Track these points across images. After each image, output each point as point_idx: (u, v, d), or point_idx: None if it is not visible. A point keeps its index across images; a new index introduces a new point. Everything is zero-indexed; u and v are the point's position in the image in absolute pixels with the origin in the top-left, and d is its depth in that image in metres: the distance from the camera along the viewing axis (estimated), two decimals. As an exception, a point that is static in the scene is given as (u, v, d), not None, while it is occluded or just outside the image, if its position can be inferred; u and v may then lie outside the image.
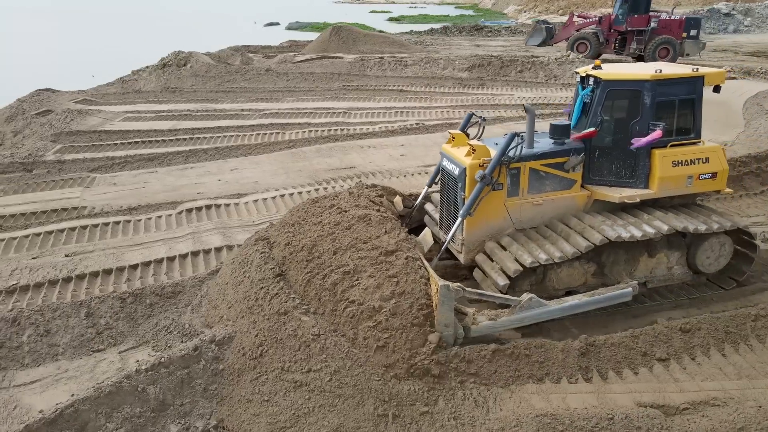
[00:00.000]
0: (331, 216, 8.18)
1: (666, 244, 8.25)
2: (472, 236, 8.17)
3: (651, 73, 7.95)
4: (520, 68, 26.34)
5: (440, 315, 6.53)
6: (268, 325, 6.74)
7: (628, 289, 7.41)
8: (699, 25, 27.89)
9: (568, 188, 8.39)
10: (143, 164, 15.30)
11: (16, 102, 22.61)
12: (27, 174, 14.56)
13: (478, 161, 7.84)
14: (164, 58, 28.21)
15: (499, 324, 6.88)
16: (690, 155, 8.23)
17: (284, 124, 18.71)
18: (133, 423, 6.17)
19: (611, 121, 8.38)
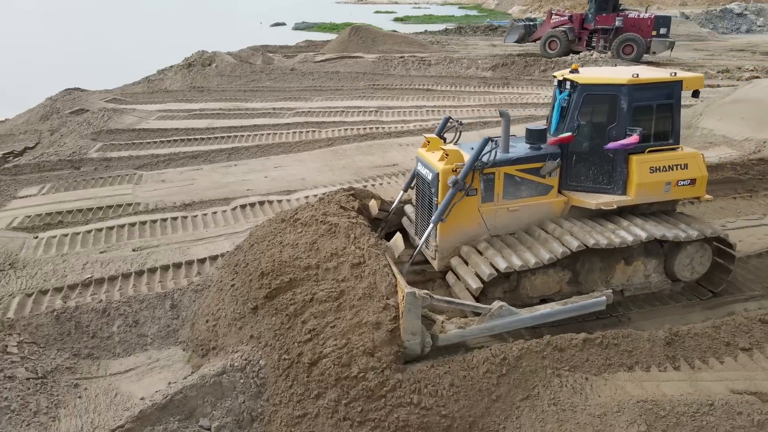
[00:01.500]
0: (293, 235, 7.81)
1: (643, 251, 8.10)
2: (445, 242, 8.02)
3: (628, 77, 7.80)
4: (544, 67, 26.51)
5: (406, 323, 6.34)
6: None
7: (602, 298, 7.22)
8: (669, 23, 28.49)
9: (545, 194, 8.23)
10: (187, 162, 15.49)
11: (47, 101, 22.83)
12: (75, 171, 14.76)
13: (451, 166, 7.70)
14: (188, 58, 28.42)
15: (468, 332, 6.72)
16: (668, 161, 8.06)
17: (319, 123, 18.89)
18: (235, 412, 6.35)
19: (588, 125, 8.17)
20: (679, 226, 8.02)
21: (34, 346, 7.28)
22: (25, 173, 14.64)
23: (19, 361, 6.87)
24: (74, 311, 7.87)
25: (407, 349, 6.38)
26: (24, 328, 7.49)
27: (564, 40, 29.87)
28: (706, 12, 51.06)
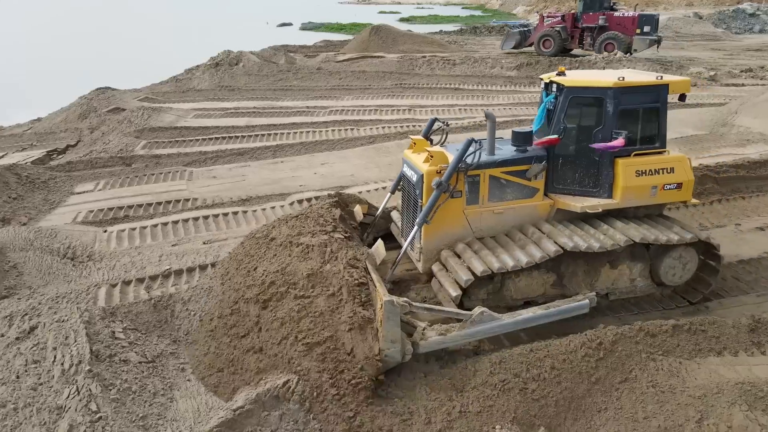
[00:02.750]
0: (265, 263, 7.57)
1: (628, 255, 8.05)
2: (430, 244, 7.98)
3: (613, 80, 7.80)
4: (568, 67, 26.69)
5: (386, 331, 6.29)
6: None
7: (585, 301, 7.19)
8: (652, 21, 29.07)
9: (531, 196, 8.20)
10: (234, 158, 15.77)
11: (81, 100, 23.16)
12: (126, 168, 15.04)
13: (435, 168, 7.67)
14: (215, 57, 28.71)
15: (449, 339, 6.68)
16: (654, 165, 8.02)
17: (356, 121, 19.16)
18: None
19: (574, 128, 8.16)
20: (662, 230, 7.94)
21: (137, 333, 7.55)
22: (78, 170, 14.93)
23: (128, 346, 7.14)
24: (169, 300, 8.14)
25: (387, 357, 6.35)
26: (125, 316, 7.77)
27: (557, 38, 30.57)
28: (718, 12, 51.27)
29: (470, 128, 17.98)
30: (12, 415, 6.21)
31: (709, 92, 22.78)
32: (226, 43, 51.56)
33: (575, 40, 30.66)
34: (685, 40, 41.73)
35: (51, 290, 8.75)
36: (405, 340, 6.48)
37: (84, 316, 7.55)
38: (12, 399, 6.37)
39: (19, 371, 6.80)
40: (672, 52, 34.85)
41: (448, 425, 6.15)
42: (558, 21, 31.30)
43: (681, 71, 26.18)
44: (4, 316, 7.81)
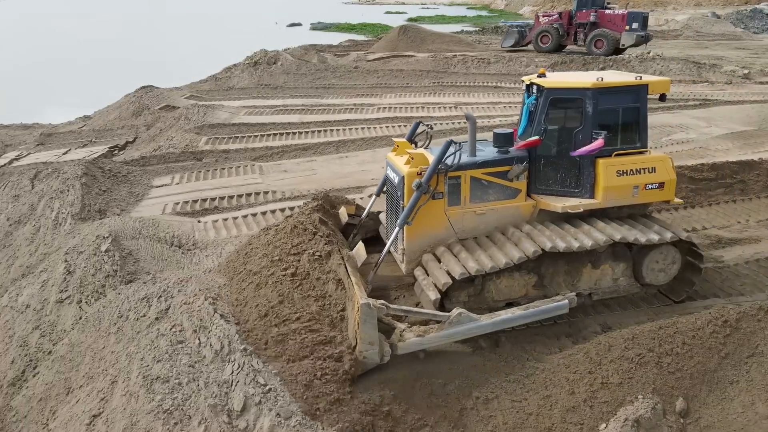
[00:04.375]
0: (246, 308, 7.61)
1: (611, 255, 8.08)
2: (413, 246, 7.98)
3: (592, 81, 7.83)
4: (602, 65, 27.15)
5: (363, 333, 6.33)
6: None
7: (565, 302, 7.17)
8: (640, 19, 30.17)
9: (513, 197, 8.21)
10: (299, 153, 16.20)
11: (127, 98, 23.65)
12: (198, 162, 15.48)
13: (416, 169, 7.70)
14: (252, 57, 29.15)
15: (427, 340, 6.71)
16: (635, 165, 8.03)
17: (406, 118, 19.56)
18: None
19: (555, 129, 8.20)
20: (643, 230, 7.98)
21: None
22: (152, 164, 15.38)
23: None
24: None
25: (366, 359, 6.41)
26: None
27: (555, 35, 31.83)
28: (736, 12, 51.66)
29: (514, 125, 18.37)
30: (179, 389, 6.63)
31: (747, 90, 23.18)
32: (239, 43, 52.37)
33: (570, 36, 32.04)
34: (706, 40, 42.12)
35: (171, 275, 9.17)
36: (383, 342, 6.52)
37: (209, 299, 7.99)
38: (173, 375, 6.79)
39: (169, 350, 7.22)
40: (697, 52, 35.25)
41: (591, 395, 6.56)
42: (555, 18, 32.68)
43: (714, 70, 26.58)
44: (141, 298, 8.25)
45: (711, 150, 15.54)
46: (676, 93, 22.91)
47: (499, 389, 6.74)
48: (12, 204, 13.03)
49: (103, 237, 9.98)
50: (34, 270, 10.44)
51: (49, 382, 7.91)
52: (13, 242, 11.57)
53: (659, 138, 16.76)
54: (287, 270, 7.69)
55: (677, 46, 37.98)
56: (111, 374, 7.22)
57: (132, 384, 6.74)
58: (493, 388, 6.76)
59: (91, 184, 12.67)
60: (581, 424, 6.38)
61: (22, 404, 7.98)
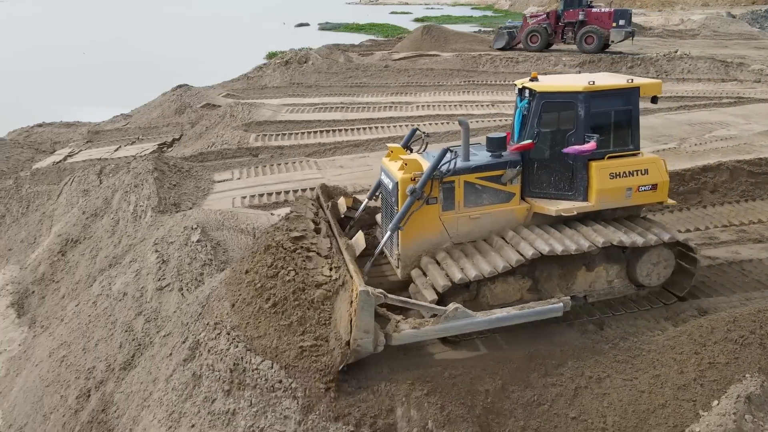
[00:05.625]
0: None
1: (605, 257, 8.12)
2: (408, 251, 8.00)
3: (584, 84, 7.89)
4: (630, 64, 27.46)
5: (359, 321, 6.32)
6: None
7: (559, 304, 7.20)
8: (626, 16, 31.65)
9: (507, 201, 8.23)
10: (351, 150, 16.52)
11: (165, 96, 24.04)
12: (254, 158, 15.81)
13: (409, 175, 7.74)
14: (283, 56, 29.49)
15: (422, 333, 6.74)
16: (628, 167, 8.09)
17: (449, 115, 19.86)
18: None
19: (548, 133, 8.25)
20: (638, 232, 8.04)
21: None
22: (210, 160, 15.71)
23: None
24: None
25: (360, 348, 6.41)
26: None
27: (544, 34, 32.96)
28: (751, 12, 51.96)
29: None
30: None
31: (779, 88, 23.47)
32: (250, 43, 52.78)
33: (558, 35, 33.12)
34: (724, 39, 42.33)
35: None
36: (378, 332, 6.54)
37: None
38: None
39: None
40: (718, 51, 35.47)
41: (700, 374, 6.87)
42: (543, 18, 33.77)
43: (742, 68, 26.86)
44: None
45: (756, 146, 15.81)
46: (709, 91, 23.23)
47: (609, 369, 7.07)
48: (83, 198, 13.38)
49: (192, 228, 10.34)
50: (121, 260, 10.80)
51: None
52: (93, 234, 11.91)
53: (702, 135, 17.05)
54: (269, 300, 7.24)
55: (697, 46, 38.20)
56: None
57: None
58: (603, 368, 7.08)
59: (162, 179, 13.00)
60: (693, 401, 6.70)
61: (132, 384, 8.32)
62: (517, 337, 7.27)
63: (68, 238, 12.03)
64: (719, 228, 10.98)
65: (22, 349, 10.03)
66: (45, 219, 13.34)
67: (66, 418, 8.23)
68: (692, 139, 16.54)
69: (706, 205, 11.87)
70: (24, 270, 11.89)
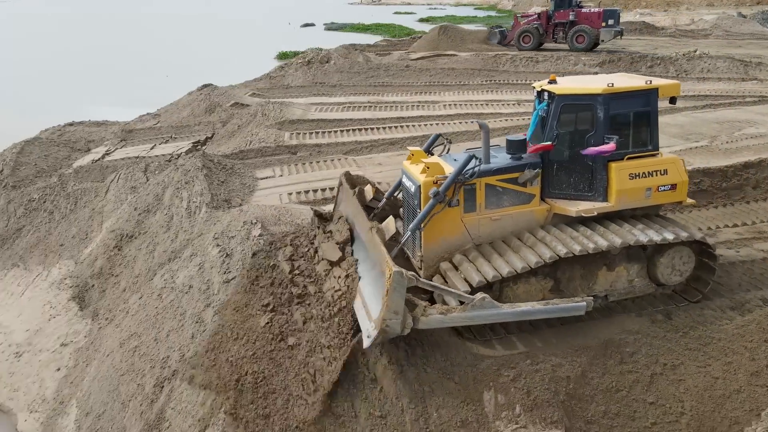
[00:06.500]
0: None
1: (625, 257, 8.23)
2: (430, 252, 8.15)
3: (603, 86, 8.00)
4: (650, 64, 27.68)
5: (390, 301, 6.45)
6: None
7: (583, 303, 7.33)
8: (615, 15, 32.51)
9: (527, 202, 8.36)
10: (386, 147, 16.75)
11: (192, 95, 24.30)
12: (293, 156, 16.06)
13: (431, 178, 7.91)
14: (305, 55, 29.73)
15: (448, 319, 6.89)
16: (647, 167, 8.21)
17: (476, 114, 20.07)
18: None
19: (567, 134, 8.39)
20: (658, 230, 8.13)
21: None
22: (250, 158, 15.95)
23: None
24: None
25: (389, 329, 6.58)
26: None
27: (536, 34, 33.83)
28: (762, 12, 52.18)
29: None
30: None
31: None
32: (259, 43, 53.04)
33: (549, 35, 33.85)
34: (736, 39, 42.53)
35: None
36: (407, 314, 6.71)
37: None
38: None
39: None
40: (732, 51, 35.67)
41: (774, 361, 7.13)
42: (534, 18, 34.55)
43: (761, 68, 27.08)
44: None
45: (789, 144, 16.07)
46: (731, 90, 23.46)
47: (682, 356, 7.32)
48: (132, 195, 13.62)
49: (251, 223, 10.57)
50: (180, 255, 11.03)
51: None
52: (148, 230, 12.15)
53: (732, 133, 17.27)
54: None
55: (711, 45, 38.41)
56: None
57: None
58: (676, 355, 7.33)
59: (210, 176, 13.24)
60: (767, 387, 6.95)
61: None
62: (590, 327, 7.52)
63: (122, 234, 12.27)
64: (765, 222, 11.20)
65: (88, 340, 10.27)
66: (95, 215, 13.57)
67: (143, 407, 8.47)
68: (722, 136, 16.77)
69: (749, 201, 12.09)
70: (80, 265, 12.13)
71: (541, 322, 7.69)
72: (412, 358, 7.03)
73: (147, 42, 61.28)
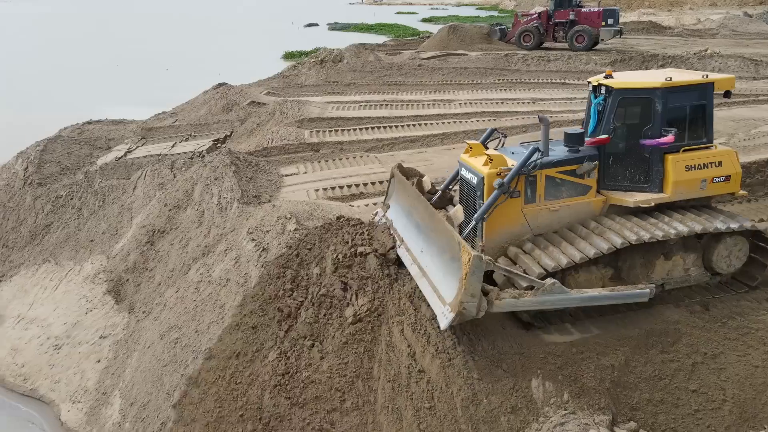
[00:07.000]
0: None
1: (682, 246, 8.47)
2: (491, 242, 8.41)
3: (661, 81, 8.25)
4: (661, 63, 27.81)
5: (469, 285, 6.67)
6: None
7: (646, 290, 7.58)
8: (615, 15, 32.78)
9: (584, 194, 8.64)
10: (407, 145, 16.93)
11: (208, 94, 24.51)
12: (315, 153, 16.23)
13: (495, 170, 8.20)
14: (318, 54, 29.94)
15: (521, 303, 7.13)
16: (703, 159, 8.47)
17: (494, 112, 20.27)
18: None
19: (624, 127, 8.64)
20: (716, 220, 8.38)
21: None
22: (273, 155, 16.13)
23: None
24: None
25: (465, 311, 6.79)
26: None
27: (536, 33, 34.13)
28: (766, 12, 52.33)
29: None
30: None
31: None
32: (265, 43, 53.16)
33: (549, 34, 34.09)
34: (743, 38, 42.69)
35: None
36: (482, 298, 6.92)
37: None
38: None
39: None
40: (740, 50, 35.85)
41: None
42: (534, 17, 34.72)
43: (774, 66, 27.27)
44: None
45: (808, 140, 16.24)
46: (744, 89, 23.59)
47: (722, 346, 7.49)
48: (160, 191, 13.79)
49: (286, 218, 10.75)
50: (214, 249, 11.21)
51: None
52: (180, 225, 12.33)
53: (748, 130, 17.46)
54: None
55: (719, 45, 38.55)
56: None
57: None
58: (716, 345, 7.50)
59: (239, 173, 13.42)
60: (807, 375, 7.11)
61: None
62: (631, 318, 7.69)
63: (154, 229, 12.44)
64: (791, 217, 11.38)
65: (127, 333, 10.44)
66: (124, 211, 13.74)
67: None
68: (739, 134, 16.95)
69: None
70: (113, 260, 12.30)
71: (582, 313, 7.88)
72: (459, 346, 7.18)
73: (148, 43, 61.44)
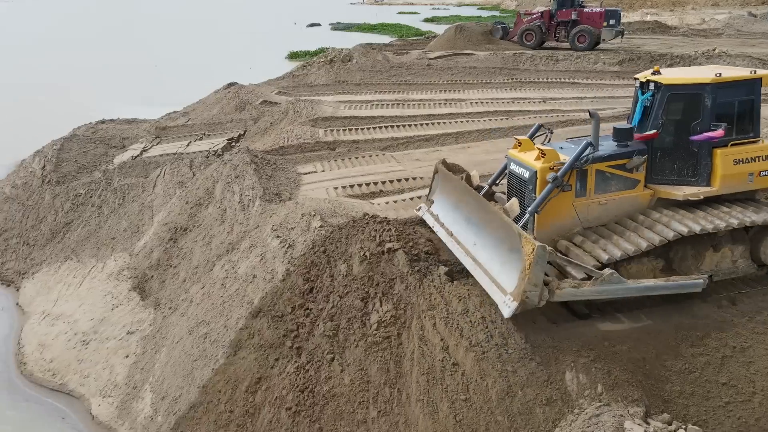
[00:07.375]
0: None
1: (730, 238, 8.60)
2: (542, 234, 8.48)
3: (711, 76, 8.47)
4: (670, 62, 27.92)
5: (532, 274, 6.88)
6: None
7: (700, 281, 7.81)
8: (616, 15, 33.08)
9: (632, 188, 8.81)
10: (422, 144, 17.04)
11: (219, 94, 24.64)
12: (332, 152, 16.34)
13: (548, 164, 8.37)
14: (327, 54, 30.06)
15: (580, 293, 7.31)
16: (750, 153, 8.65)
17: (506, 111, 20.38)
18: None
19: (672, 123, 8.82)
20: (764, 212, 8.55)
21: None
22: (289, 154, 16.24)
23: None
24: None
25: (528, 300, 7.00)
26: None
27: (539, 32, 34.39)
28: (771, 12, 52.42)
29: (622, 117, 19.20)
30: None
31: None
32: (268, 43, 53.28)
33: (551, 34, 34.34)
34: (749, 38, 42.79)
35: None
36: (544, 287, 7.09)
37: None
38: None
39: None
40: (747, 50, 35.93)
41: None
42: (537, 17, 34.97)
43: (782, 66, 27.35)
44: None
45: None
46: (753, 88, 23.73)
47: (750, 340, 7.60)
48: (180, 189, 13.91)
49: (310, 215, 10.87)
50: (238, 246, 11.33)
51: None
52: (202, 222, 12.45)
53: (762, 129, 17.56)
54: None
55: (725, 45, 38.62)
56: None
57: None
58: (744, 338, 7.61)
59: (259, 171, 13.54)
60: (835, 369, 7.22)
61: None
62: (660, 312, 7.80)
63: (176, 227, 12.56)
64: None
65: (154, 328, 10.56)
66: (144, 209, 13.86)
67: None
68: (765, 130, 17.03)
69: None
70: (136, 257, 12.42)
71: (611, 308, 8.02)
72: (492, 339, 7.29)
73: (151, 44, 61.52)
